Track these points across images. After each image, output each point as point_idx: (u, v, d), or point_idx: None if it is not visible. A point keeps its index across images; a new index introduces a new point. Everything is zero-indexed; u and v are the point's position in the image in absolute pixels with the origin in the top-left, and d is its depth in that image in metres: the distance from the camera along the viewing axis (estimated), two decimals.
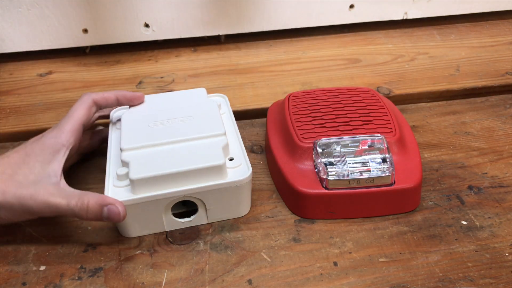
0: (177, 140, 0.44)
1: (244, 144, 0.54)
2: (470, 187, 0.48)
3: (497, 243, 0.42)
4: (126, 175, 0.41)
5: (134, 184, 0.40)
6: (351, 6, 0.71)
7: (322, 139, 0.46)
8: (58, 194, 0.39)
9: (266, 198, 0.48)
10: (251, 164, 0.45)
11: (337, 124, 0.48)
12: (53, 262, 0.42)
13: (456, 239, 0.43)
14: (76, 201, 0.39)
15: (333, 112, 0.49)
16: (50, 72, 0.67)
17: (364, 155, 0.45)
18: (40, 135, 0.44)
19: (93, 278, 0.40)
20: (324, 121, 0.48)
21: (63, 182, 0.41)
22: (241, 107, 0.60)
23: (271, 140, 0.50)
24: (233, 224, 0.45)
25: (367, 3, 0.71)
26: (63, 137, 0.43)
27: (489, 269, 0.40)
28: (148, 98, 0.51)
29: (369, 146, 0.45)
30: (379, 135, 0.46)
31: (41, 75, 0.67)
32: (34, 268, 0.41)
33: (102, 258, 0.42)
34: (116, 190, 0.41)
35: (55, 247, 0.43)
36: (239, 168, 0.44)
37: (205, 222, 0.45)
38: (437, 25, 0.75)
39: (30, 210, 0.39)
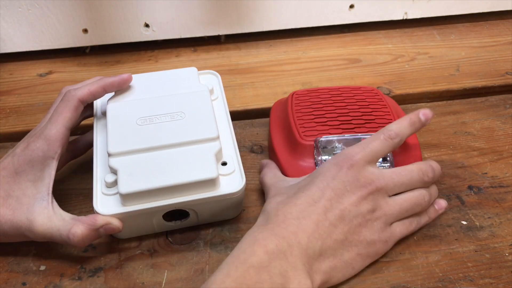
0: (167, 145, 0.42)
1: (244, 144, 0.54)
2: (470, 187, 0.48)
3: (497, 243, 0.42)
4: (115, 182, 0.40)
5: (124, 197, 0.39)
6: (351, 6, 0.71)
7: (323, 137, 0.46)
8: (53, 223, 0.39)
9: None
10: (251, 164, 0.45)
11: (339, 123, 0.48)
12: (53, 262, 0.42)
13: (456, 239, 0.43)
14: (67, 233, 0.39)
15: (336, 111, 0.49)
16: (50, 72, 0.67)
17: None
18: (26, 141, 0.42)
19: (93, 278, 0.40)
20: (326, 119, 0.48)
21: (54, 203, 0.40)
22: (241, 107, 0.60)
23: (273, 137, 0.50)
24: (233, 224, 0.45)
25: (367, 3, 0.71)
26: (51, 148, 0.40)
27: (489, 269, 0.40)
28: (133, 79, 0.47)
29: None
30: None
31: (41, 75, 0.67)
32: (34, 268, 0.41)
33: (102, 258, 0.42)
34: (105, 198, 0.40)
35: (55, 247, 0.43)
36: (233, 175, 0.42)
37: (196, 224, 0.44)
38: (437, 25, 0.75)
39: (26, 238, 0.40)
